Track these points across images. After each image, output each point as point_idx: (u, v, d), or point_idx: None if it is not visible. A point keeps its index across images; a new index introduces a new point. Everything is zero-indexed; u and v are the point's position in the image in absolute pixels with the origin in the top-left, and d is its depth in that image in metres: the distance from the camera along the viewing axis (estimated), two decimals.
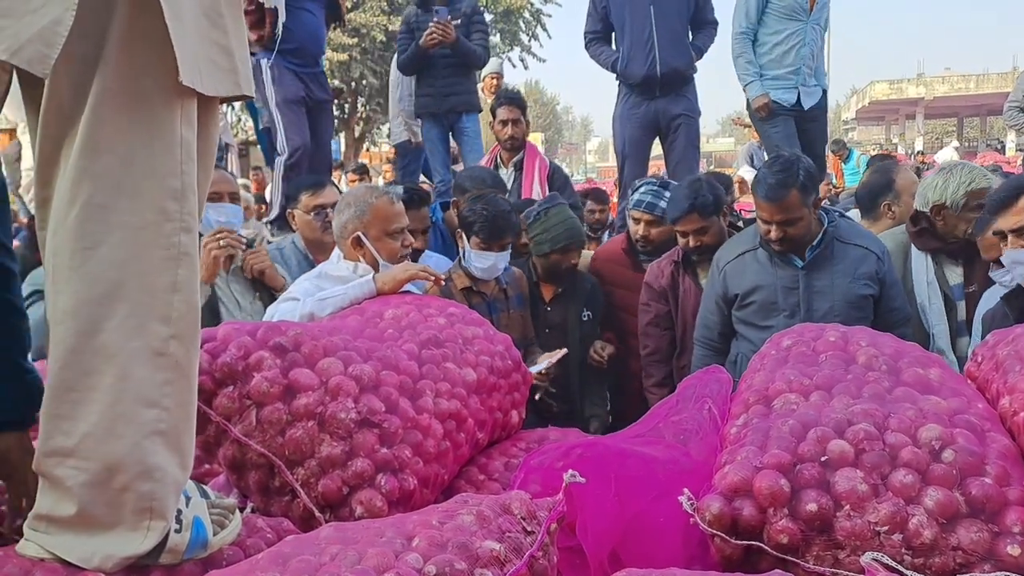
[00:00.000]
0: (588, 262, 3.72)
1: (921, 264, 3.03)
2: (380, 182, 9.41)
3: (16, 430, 1.45)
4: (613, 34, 5.00)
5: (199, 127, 1.30)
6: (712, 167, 21.58)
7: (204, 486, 1.48)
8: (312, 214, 3.28)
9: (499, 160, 4.69)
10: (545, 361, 2.85)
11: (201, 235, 2.85)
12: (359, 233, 2.47)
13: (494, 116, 4.62)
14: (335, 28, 4.98)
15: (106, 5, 1.18)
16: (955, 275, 3.03)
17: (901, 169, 3.84)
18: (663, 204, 3.44)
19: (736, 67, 4.76)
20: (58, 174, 1.22)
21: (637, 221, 3.53)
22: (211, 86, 1.28)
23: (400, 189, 2.80)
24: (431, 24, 4.96)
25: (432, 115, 5.25)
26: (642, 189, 3.55)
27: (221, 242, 2.72)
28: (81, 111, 1.19)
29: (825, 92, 4.89)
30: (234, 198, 3.01)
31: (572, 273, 3.41)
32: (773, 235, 2.77)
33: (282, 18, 1.34)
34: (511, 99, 4.59)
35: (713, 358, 2.95)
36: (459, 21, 5.20)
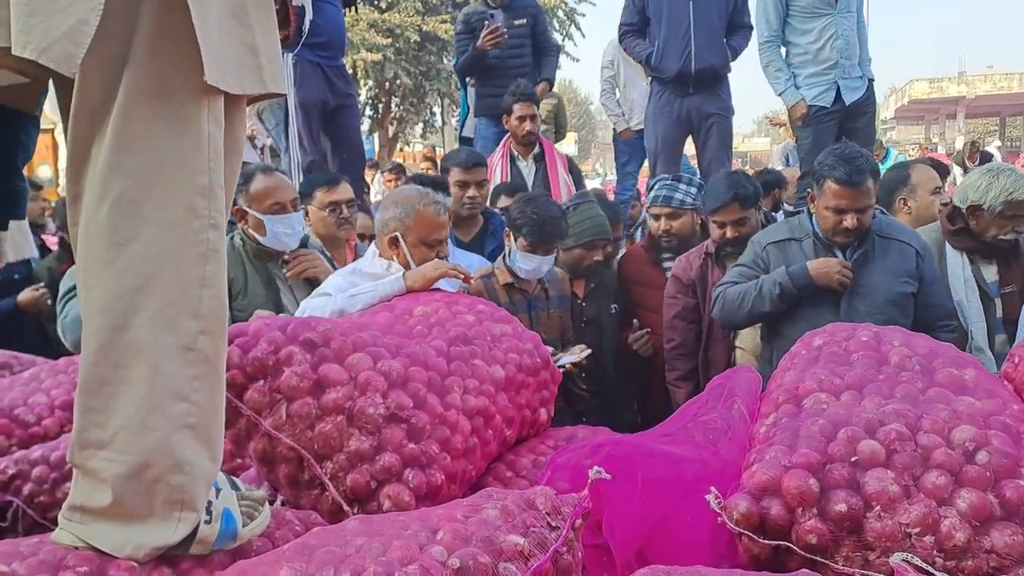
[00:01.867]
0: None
1: (956, 261, 2.99)
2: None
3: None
4: (648, 28, 4.97)
5: (225, 124, 1.32)
6: (747, 167, 21.37)
7: (234, 478, 1.51)
8: (327, 210, 3.29)
9: (514, 154, 4.69)
10: (567, 357, 2.85)
11: (272, 250, 2.87)
12: (397, 234, 2.48)
13: (509, 113, 4.62)
14: (349, 11, 5.00)
15: (133, 4, 1.20)
16: (991, 272, 3.00)
17: (917, 165, 3.80)
18: (679, 196, 3.47)
19: (767, 76, 4.63)
20: (89, 171, 1.24)
21: (657, 217, 3.57)
22: (236, 84, 1.29)
23: (449, 201, 2.78)
24: (486, 32, 5.00)
25: (494, 116, 5.26)
26: (656, 186, 3.60)
27: None
28: (111, 109, 1.21)
29: (871, 83, 4.67)
30: (295, 204, 2.90)
31: (598, 269, 3.44)
32: (849, 223, 2.71)
33: (309, 15, 1.34)
34: (527, 95, 4.60)
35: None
36: (525, 20, 5.23)
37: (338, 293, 2.32)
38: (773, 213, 4.36)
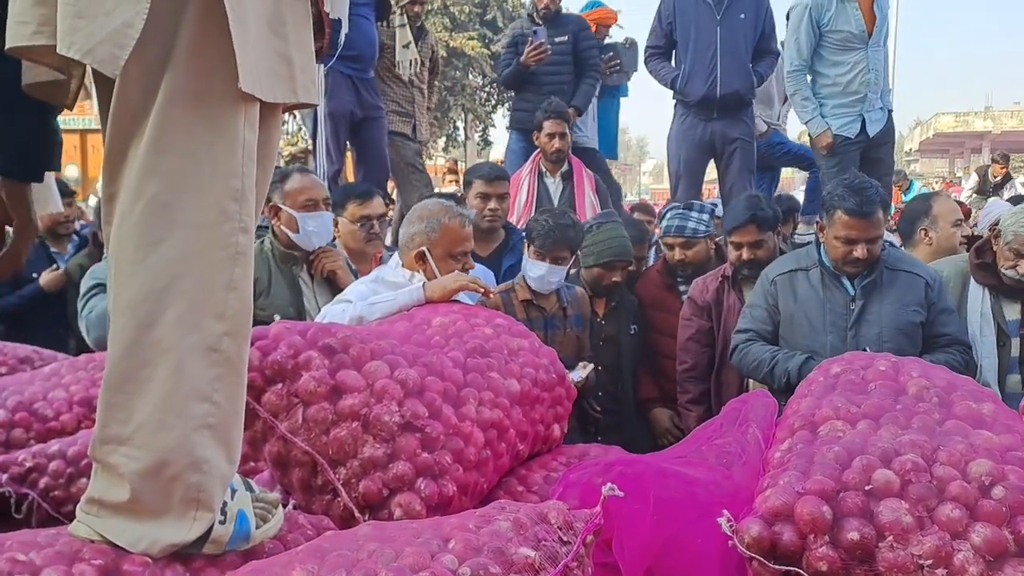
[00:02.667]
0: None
1: (977, 295, 2.97)
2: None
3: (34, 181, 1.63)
4: (674, 51, 5.00)
5: (260, 132, 1.34)
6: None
7: (249, 480, 1.52)
8: (358, 224, 3.31)
9: (542, 170, 4.72)
10: (572, 375, 2.86)
11: (298, 252, 2.90)
12: (424, 249, 2.51)
13: (540, 130, 4.67)
14: (380, 25, 5.09)
15: (176, 10, 1.23)
16: (1013, 311, 2.96)
17: (940, 196, 3.79)
18: (691, 224, 3.48)
19: (793, 104, 4.63)
20: (125, 171, 1.26)
21: (671, 248, 3.57)
22: (270, 93, 1.31)
23: (473, 213, 2.82)
24: (529, 48, 5.08)
25: (525, 131, 5.31)
26: (668, 215, 3.60)
27: None
28: (149, 111, 1.23)
29: (890, 113, 4.69)
30: (327, 203, 3.01)
31: (618, 289, 3.44)
32: (859, 254, 2.73)
33: (345, 28, 1.36)
34: (558, 113, 4.64)
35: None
36: (566, 38, 5.29)
37: (359, 300, 2.34)
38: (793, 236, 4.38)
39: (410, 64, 5.16)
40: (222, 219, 1.27)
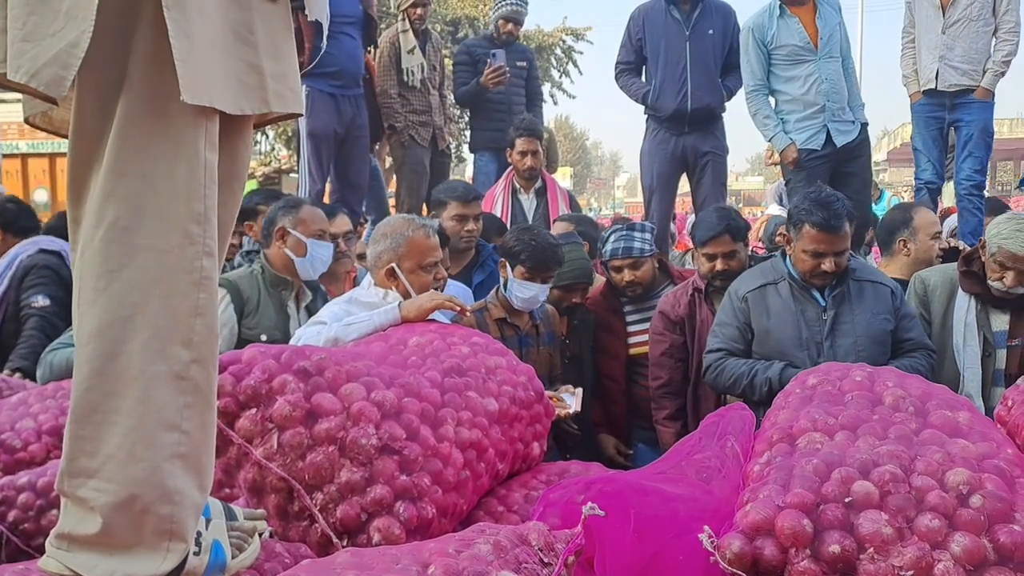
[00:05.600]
0: None
1: (963, 304, 2.97)
2: None
3: None
4: (644, 67, 5.04)
5: (228, 148, 1.32)
6: (741, 205, 21.50)
7: (231, 505, 1.48)
8: None
9: (516, 187, 4.76)
10: (573, 399, 2.85)
11: (288, 278, 2.92)
12: (393, 265, 2.50)
13: (512, 147, 4.70)
14: (369, 52, 5.08)
15: (127, 30, 1.20)
16: (1000, 322, 2.96)
17: (920, 208, 3.83)
18: (637, 244, 3.41)
19: (756, 124, 4.64)
20: (87, 196, 1.24)
21: (619, 270, 3.46)
22: (234, 104, 1.28)
23: (436, 222, 2.83)
24: (489, 70, 5.12)
25: (495, 150, 5.31)
26: (612, 238, 3.47)
27: None
28: (107, 134, 1.21)
29: (864, 127, 4.67)
30: (332, 237, 3.17)
31: (578, 309, 3.43)
32: (827, 267, 2.75)
33: (326, 31, 1.35)
34: (530, 131, 4.67)
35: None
36: (525, 64, 5.40)
37: (333, 322, 2.32)
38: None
39: (418, 69, 5.14)
40: (185, 243, 1.25)
